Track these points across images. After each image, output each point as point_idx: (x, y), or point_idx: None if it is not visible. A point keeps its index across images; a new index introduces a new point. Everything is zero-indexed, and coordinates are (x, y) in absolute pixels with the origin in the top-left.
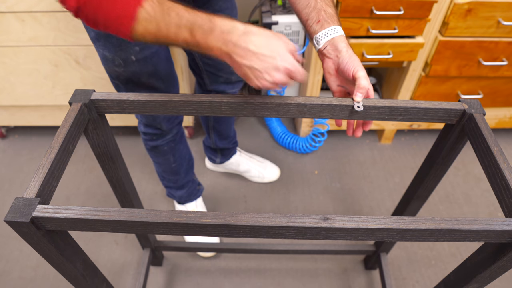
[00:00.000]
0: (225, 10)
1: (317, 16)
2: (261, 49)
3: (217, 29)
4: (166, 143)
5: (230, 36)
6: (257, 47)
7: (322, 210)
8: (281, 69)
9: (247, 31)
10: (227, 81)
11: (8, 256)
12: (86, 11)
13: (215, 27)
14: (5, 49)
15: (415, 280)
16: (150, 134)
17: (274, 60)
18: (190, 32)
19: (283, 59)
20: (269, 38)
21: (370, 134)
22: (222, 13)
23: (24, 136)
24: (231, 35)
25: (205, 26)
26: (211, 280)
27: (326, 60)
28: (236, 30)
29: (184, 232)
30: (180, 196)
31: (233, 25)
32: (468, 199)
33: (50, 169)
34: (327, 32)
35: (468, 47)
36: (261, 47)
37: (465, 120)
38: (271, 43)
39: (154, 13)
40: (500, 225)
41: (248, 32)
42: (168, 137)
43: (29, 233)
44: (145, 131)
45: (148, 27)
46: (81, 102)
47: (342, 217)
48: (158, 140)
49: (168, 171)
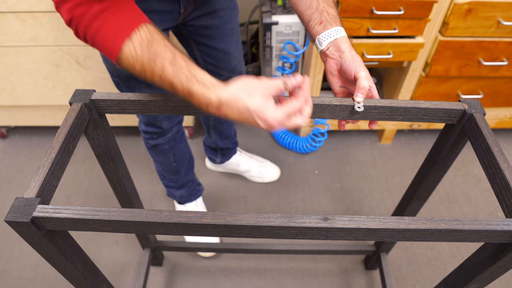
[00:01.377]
0: (226, 9)
1: (320, 17)
2: (238, 115)
3: (195, 98)
4: (167, 142)
5: (207, 108)
6: (233, 114)
7: (322, 210)
8: (266, 123)
9: (220, 101)
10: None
11: (8, 256)
12: (75, 25)
13: (192, 95)
14: (6, 49)
15: (415, 280)
16: (151, 133)
17: (254, 121)
18: (173, 90)
19: (260, 119)
20: (241, 100)
21: (370, 134)
22: (223, 12)
23: (24, 136)
24: (208, 107)
25: (184, 90)
26: (211, 280)
27: (329, 61)
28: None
29: (184, 232)
30: (180, 196)
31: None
32: (468, 199)
33: (50, 169)
34: (330, 33)
35: (468, 47)
36: (237, 113)
37: (465, 120)
38: (242, 105)
39: (141, 53)
40: (501, 225)
41: (221, 104)
42: (168, 135)
43: (29, 233)
44: (146, 130)
45: (133, 64)
46: (82, 102)
47: (342, 217)
48: (158, 138)
49: (168, 170)
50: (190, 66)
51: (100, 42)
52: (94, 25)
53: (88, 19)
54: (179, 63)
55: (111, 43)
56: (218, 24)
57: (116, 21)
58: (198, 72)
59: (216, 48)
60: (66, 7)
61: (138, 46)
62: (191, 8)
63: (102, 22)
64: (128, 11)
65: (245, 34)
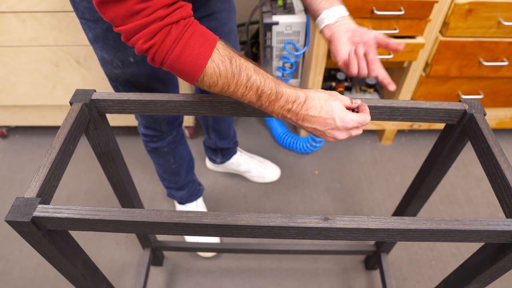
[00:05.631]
0: (223, 12)
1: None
2: (320, 113)
3: (283, 98)
4: (166, 145)
5: (293, 105)
6: (316, 112)
7: (322, 210)
8: (340, 129)
9: (307, 97)
10: None
11: (8, 256)
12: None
13: (282, 95)
14: (6, 49)
15: (415, 280)
16: (150, 136)
17: (333, 121)
18: (258, 97)
19: (341, 120)
20: (326, 101)
21: (371, 134)
22: (220, 14)
23: (24, 136)
24: (294, 104)
25: (272, 93)
26: (212, 280)
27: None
28: (298, 98)
29: (185, 232)
30: (180, 197)
31: (297, 94)
32: (468, 199)
33: (50, 169)
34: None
35: (469, 47)
36: (320, 111)
37: (466, 120)
38: (327, 105)
39: (224, 69)
40: (501, 226)
41: (308, 99)
42: (168, 138)
43: (29, 233)
44: (145, 133)
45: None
46: (82, 102)
47: (342, 217)
48: (158, 141)
49: (168, 172)
50: (269, 72)
51: (180, 65)
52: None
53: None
54: (261, 71)
55: (193, 66)
56: (215, 26)
57: (198, 42)
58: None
59: None
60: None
61: (221, 63)
62: None
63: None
64: (202, 29)
65: (245, 34)
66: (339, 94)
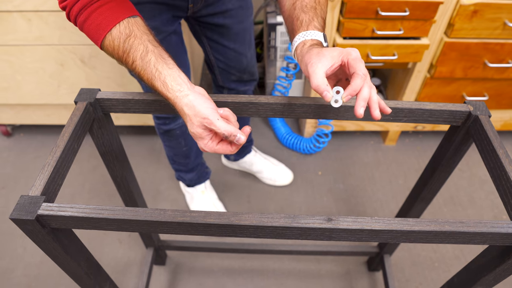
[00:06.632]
0: (238, 9)
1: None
2: None
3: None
4: (178, 127)
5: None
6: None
7: (325, 211)
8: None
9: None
10: (239, 79)
11: (12, 254)
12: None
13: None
14: (12, 48)
15: (418, 282)
16: (163, 118)
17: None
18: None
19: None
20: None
21: (375, 135)
22: (235, 11)
23: (29, 134)
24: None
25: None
26: (214, 279)
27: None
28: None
29: (188, 232)
30: (190, 179)
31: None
32: (472, 201)
33: (55, 167)
34: (311, 33)
35: (474, 48)
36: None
37: (470, 122)
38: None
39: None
40: (505, 228)
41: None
42: (180, 121)
43: (34, 231)
44: (158, 116)
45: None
46: (87, 101)
47: (346, 218)
48: (170, 124)
49: (179, 155)
50: (159, 63)
51: (86, 31)
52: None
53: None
54: (148, 58)
55: (95, 35)
56: (230, 23)
57: (102, 15)
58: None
59: (227, 46)
60: None
61: (116, 39)
62: (200, 4)
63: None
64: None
65: None
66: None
